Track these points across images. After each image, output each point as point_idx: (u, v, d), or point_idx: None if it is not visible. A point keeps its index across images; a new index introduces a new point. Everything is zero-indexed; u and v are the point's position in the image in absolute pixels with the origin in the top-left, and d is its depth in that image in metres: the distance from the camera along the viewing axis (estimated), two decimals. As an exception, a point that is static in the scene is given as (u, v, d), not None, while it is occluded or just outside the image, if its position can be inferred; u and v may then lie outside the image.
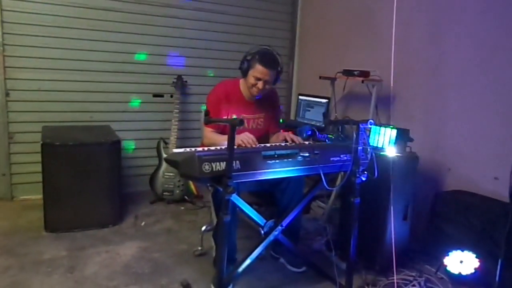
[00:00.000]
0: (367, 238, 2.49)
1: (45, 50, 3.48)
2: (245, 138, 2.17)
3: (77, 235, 2.92)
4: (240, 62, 2.53)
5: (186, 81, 3.94)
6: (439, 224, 2.73)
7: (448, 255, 2.51)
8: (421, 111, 3.19)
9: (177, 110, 3.73)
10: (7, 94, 3.40)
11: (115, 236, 2.97)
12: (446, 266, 2.51)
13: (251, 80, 2.48)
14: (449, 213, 2.68)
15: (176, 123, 3.69)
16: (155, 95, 3.98)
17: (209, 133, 2.53)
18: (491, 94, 2.73)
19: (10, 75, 3.39)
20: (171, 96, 3.95)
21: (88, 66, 3.65)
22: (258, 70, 2.44)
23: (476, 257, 2.42)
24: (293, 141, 2.36)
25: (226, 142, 1.84)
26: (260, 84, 2.47)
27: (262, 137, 2.63)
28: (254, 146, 2.17)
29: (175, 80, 3.85)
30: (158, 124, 3.98)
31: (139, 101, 3.93)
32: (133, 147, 3.96)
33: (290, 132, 2.54)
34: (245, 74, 2.52)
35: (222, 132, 2.53)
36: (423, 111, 3.17)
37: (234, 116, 2.52)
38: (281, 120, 2.78)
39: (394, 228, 2.55)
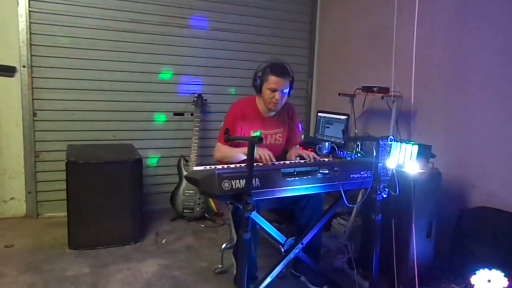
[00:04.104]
0: (390, 256, 2.44)
1: (70, 71, 3.59)
2: (263, 153, 2.17)
3: (100, 252, 2.96)
4: (252, 80, 2.55)
5: (206, 100, 4.00)
6: (465, 241, 2.66)
7: (475, 274, 2.42)
8: (443, 126, 3.14)
9: (197, 128, 3.78)
10: (35, 114, 3.51)
11: (137, 253, 2.99)
12: (473, 285, 2.42)
13: (267, 94, 2.48)
14: (475, 231, 2.61)
15: (196, 141, 3.73)
16: (176, 114, 4.06)
17: (221, 147, 2.53)
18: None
19: (38, 96, 3.51)
20: (192, 115, 4.02)
21: (111, 86, 3.75)
22: (271, 81, 2.44)
23: (505, 276, 2.33)
24: (309, 157, 2.35)
25: (237, 153, 1.84)
26: (277, 95, 2.46)
27: (282, 153, 2.64)
28: (270, 162, 2.18)
29: (195, 99, 3.91)
30: (179, 142, 4.04)
31: (161, 119, 4.00)
32: (156, 160, 4.03)
33: (310, 149, 2.53)
34: (259, 90, 2.53)
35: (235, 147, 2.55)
36: (445, 126, 3.12)
37: (252, 132, 2.54)
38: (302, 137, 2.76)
39: (417, 245, 2.50)
